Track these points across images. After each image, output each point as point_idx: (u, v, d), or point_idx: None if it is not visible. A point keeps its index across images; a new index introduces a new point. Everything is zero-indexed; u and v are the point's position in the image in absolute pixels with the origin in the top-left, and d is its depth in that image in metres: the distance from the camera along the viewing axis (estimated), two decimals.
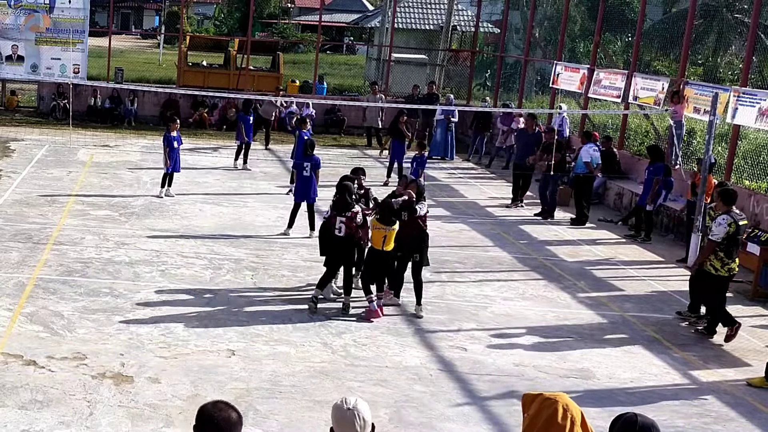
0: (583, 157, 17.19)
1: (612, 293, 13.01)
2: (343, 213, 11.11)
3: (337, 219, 11.10)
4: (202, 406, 3.91)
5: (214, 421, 3.82)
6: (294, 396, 8.63)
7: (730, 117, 16.02)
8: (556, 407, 4.67)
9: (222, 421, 3.82)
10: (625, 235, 16.58)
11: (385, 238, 10.86)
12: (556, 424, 4.62)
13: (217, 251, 13.56)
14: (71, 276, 11.81)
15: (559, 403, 4.68)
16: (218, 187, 18.48)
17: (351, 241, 11.16)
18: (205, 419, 3.84)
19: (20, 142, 22.19)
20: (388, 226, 10.86)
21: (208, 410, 3.86)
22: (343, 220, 11.06)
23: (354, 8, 62.49)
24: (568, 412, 4.64)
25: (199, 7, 74.81)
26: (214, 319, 10.66)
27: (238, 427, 3.87)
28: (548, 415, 4.67)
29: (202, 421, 3.85)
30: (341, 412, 4.07)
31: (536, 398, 4.85)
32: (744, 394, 9.60)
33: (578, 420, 4.70)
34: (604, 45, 23.47)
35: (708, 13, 21.14)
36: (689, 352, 10.79)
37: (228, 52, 30.95)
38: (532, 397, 4.92)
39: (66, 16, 26.15)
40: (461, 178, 21.95)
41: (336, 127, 27.43)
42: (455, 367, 9.69)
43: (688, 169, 17.57)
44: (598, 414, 8.74)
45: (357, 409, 4.05)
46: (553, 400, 4.72)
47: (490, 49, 35.29)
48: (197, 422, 3.87)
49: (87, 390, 8.44)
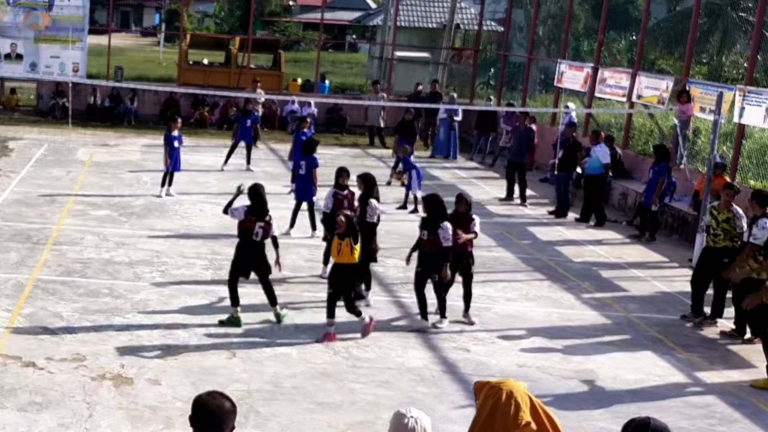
0: (602, 158, 17.10)
1: (616, 294, 12.92)
2: None
3: None
4: (197, 395, 4.09)
5: (207, 409, 4.01)
6: (295, 398, 8.55)
7: (737, 116, 15.91)
8: (500, 394, 4.75)
9: (215, 409, 4.02)
10: (629, 236, 16.49)
11: (339, 247, 10.06)
12: (500, 410, 4.70)
13: (218, 251, 13.47)
14: (70, 276, 11.73)
15: (503, 390, 4.78)
16: (219, 187, 18.39)
17: None
18: (199, 407, 4.04)
19: (19, 141, 22.11)
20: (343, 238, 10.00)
21: (202, 399, 4.06)
22: None
23: (356, 6, 62.37)
24: (512, 397, 4.69)
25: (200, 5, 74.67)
26: (215, 320, 10.56)
27: (231, 415, 4.06)
28: (493, 402, 4.75)
29: (196, 409, 4.05)
30: (400, 421, 4.14)
31: (484, 386, 4.90)
32: (748, 395, 9.54)
33: (524, 405, 4.73)
34: (608, 43, 23.37)
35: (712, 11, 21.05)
36: (694, 353, 10.71)
37: (229, 50, 30.85)
38: (481, 385, 5.00)
39: (65, 14, 26.07)
40: (465, 177, 21.85)
41: (338, 126, 27.33)
42: (458, 369, 9.61)
43: (693, 169, 17.48)
44: (602, 415, 8.68)
45: (418, 419, 4.14)
46: (498, 387, 4.83)
47: (493, 48, 35.19)
48: (192, 411, 4.05)
49: (86, 392, 8.37)
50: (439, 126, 24.55)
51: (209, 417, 4.03)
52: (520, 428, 4.69)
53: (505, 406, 4.70)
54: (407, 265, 11.12)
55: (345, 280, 10.15)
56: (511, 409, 4.69)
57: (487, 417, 4.77)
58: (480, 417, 4.83)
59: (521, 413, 4.71)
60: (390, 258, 13.84)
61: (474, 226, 10.95)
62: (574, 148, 17.80)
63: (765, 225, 10.75)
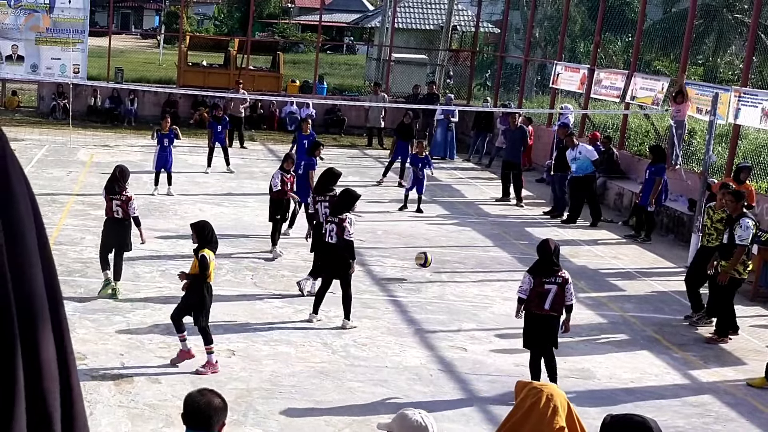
0: (591, 156, 17.13)
1: (612, 293, 13.00)
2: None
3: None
4: (188, 393, 4.28)
5: (195, 405, 4.19)
6: (294, 396, 8.62)
7: (733, 117, 16.00)
8: (540, 395, 4.85)
9: (203, 405, 4.18)
10: (625, 236, 16.57)
11: None
12: (537, 411, 4.79)
13: (218, 251, 13.52)
14: (71, 276, 11.80)
15: (543, 392, 4.85)
16: (218, 187, 18.48)
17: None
18: (188, 403, 4.22)
19: (20, 142, 22.16)
20: None
21: (191, 395, 4.25)
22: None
23: (354, 8, 62.44)
24: (552, 401, 4.78)
25: (199, 7, 74.77)
26: (214, 319, 10.62)
27: (221, 412, 4.21)
28: (532, 402, 4.85)
29: (185, 406, 4.23)
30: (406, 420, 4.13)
31: (526, 386, 5.00)
32: (744, 394, 9.60)
33: (562, 410, 4.80)
34: (605, 45, 23.46)
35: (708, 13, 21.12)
36: (689, 352, 10.79)
37: (228, 51, 30.93)
38: (523, 385, 5.11)
39: (66, 16, 26.13)
40: (462, 178, 21.94)
41: (336, 127, 27.43)
42: (455, 368, 9.68)
43: (688, 169, 17.56)
44: (599, 414, 8.70)
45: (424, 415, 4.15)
46: (539, 388, 4.90)
47: (490, 49, 35.28)
48: (183, 408, 4.23)
49: (87, 390, 8.43)
50: (437, 127, 24.63)
51: (197, 413, 4.19)
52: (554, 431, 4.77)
53: (544, 409, 4.76)
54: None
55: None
56: (548, 412, 4.75)
57: (522, 415, 4.84)
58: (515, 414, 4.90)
59: (557, 417, 4.77)
60: (387, 258, 13.93)
61: None
62: (567, 149, 17.84)
63: (748, 224, 10.78)
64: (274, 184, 13.43)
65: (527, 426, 4.82)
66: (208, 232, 9.10)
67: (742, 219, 10.84)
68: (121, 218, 11.24)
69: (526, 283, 8.71)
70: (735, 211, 10.98)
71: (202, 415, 4.21)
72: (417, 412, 4.15)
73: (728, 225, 11.07)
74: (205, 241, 9.04)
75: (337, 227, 10.46)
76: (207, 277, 8.98)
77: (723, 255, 11.03)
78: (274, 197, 13.41)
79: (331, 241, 10.50)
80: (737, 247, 10.84)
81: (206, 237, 9.07)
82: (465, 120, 25.72)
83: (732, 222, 10.99)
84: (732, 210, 11.04)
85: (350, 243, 10.51)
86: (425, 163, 17.23)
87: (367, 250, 14.33)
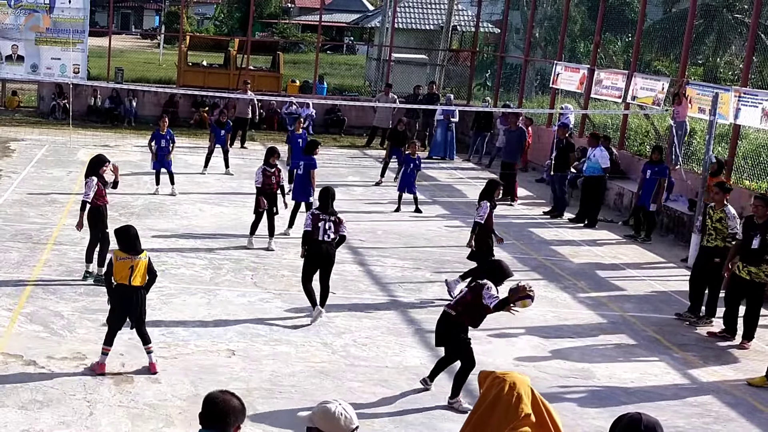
0: (602, 162, 17.19)
1: (612, 293, 13.00)
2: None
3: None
4: (209, 392, 4.32)
5: (214, 403, 4.22)
6: (294, 396, 8.63)
7: (733, 117, 16.01)
8: (503, 384, 4.90)
9: (221, 403, 4.22)
10: (625, 235, 16.58)
11: (132, 269, 8.76)
12: (502, 400, 4.86)
13: (217, 251, 13.56)
14: (71, 276, 11.80)
15: (506, 380, 4.90)
16: (218, 187, 18.48)
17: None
18: (208, 402, 4.24)
19: (20, 142, 22.18)
20: (134, 255, 8.81)
21: (211, 394, 4.28)
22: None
23: (354, 8, 62.46)
24: (515, 389, 4.83)
25: (200, 7, 74.77)
26: (214, 319, 10.65)
27: (239, 414, 4.24)
28: (496, 392, 4.93)
29: (204, 404, 4.25)
30: (329, 411, 4.14)
31: (489, 375, 5.02)
32: (744, 394, 9.61)
33: (526, 397, 4.84)
34: (605, 45, 23.46)
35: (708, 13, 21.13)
36: (689, 352, 10.79)
37: (228, 51, 30.95)
38: (485, 375, 5.12)
39: (66, 16, 26.13)
40: (462, 178, 21.95)
41: (336, 127, 27.44)
42: (455, 368, 9.66)
43: (688, 169, 17.57)
44: (599, 414, 8.75)
45: (345, 406, 4.16)
46: (502, 377, 4.95)
47: (490, 49, 35.28)
48: (202, 407, 4.26)
49: (87, 390, 8.44)
50: (436, 127, 24.64)
51: (215, 411, 4.21)
52: (520, 419, 4.80)
53: (508, 397, 4.81)
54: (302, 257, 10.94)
55: (130, 303, 8.93)
56: (512, 400, 4.80)
57: (488, 405, 4.88)
58: (481, 404, 4.95)
59: (522, 405, 4.81)
60: (387, 258, 13.93)
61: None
62: (567, 149, 17.94)
63: None
64: (256, 181, 13.79)
65: (494, 416, 4.86)
66: None
67: None
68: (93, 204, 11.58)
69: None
70: (764, 217, 10.86)
71: (219, 414, 4.21)
72: (339, 404, 4.14)
73: (757, 230, 10.85)
74: None
75: (334, 225, 10.55)
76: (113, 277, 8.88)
77: (750, 260, 10.88)
78: (260, 191, 13.75)
79: (327, 239, 10.54)
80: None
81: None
82: (465, 120, 25.72)
83: (762, 227, 10.82)
84: (761, 216, 10.89)
85: (343, 238, 10.66)
86: (416, 164, 17.30)
87: (367, 250, 14.33)
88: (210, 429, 4.25)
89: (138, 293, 8.83)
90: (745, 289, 11.01)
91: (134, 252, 8.78)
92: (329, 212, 10.60)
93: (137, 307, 8.85)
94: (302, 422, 4.24)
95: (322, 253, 10.55)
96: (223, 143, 19.83)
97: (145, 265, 8.81)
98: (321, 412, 4.14)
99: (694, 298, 11.93)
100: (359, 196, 18.68)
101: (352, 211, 17.02)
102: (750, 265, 10.91)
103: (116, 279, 8.77)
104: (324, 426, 4.11)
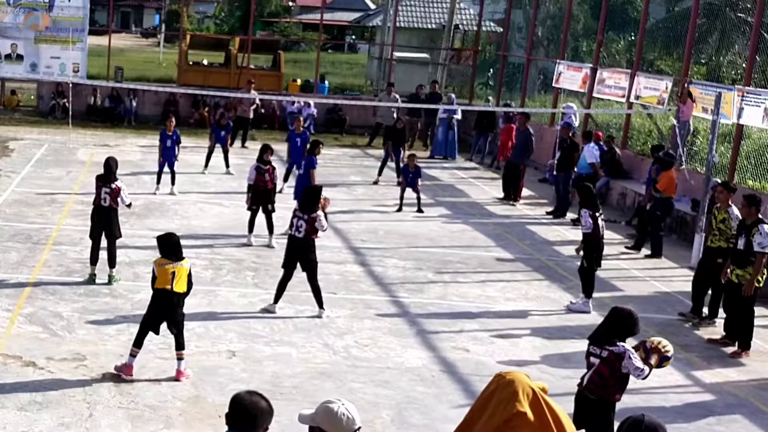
0: (588, 157, 17.13)
1: (615, 294, 12.94)
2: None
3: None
4: (236, 393, 4.30)
5: (242, 404, 4.21)
6: (295, 397, 8.57)
7: (736, 117, 15.94)
8: (501, 381, 5.05)
9: (249, 404, 4.21)
10: (627, 235, 16.51)
11: (174, 275, 8.73)
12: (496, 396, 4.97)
13: (218, 251, 13.51)
14: (71, 276, 11.75)
15: (505, 378, 5.14)
16: (218, 187, 18.43)
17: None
18: (235, 403, 4.23)
19: (19, 141, 22.14)
20: (176, 262, 8.79)
21: (239, 395, 4.27)
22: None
23: (356, 7, 62.40)
24: (511, 386, 4.98)
25: (200, 6, 74.72)
26: (215, 319, 10.60)
27: (267, 415, 4.21)
28: (493, 388, 5.05)
29: (232, 405, 4.24)
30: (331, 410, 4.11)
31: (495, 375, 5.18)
32: (747, 395, 9.57)
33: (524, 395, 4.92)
34: (607, 44, 23.40)
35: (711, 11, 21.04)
36: (692, 353, 10.74)
37: (229, 50, 30.87)
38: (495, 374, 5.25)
39: (65, 14, 26.08)
40: (464, 178, 21.89)
41: (337, 127, 27.37)
42: (457, 368, 9.63)
43: (691, 169, 17.50)
44: None
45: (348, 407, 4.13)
46: (503, 375, 5.18)
47: (492, 48, 35.20)
48: (229, 407, 4.24)
49: (87, 391, 8.40)
50: (438, 126, 24.57)
51: (244, 412, 4.18)
52: (512, 416, 4.83)
53: (502, 393, 4.89)
54: None
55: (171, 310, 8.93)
56: (506, 396, 4.86)
57: (483, 400, 4.95)
58: (478, 400, 5.03)
59: (516, 402, 4.85)
60: (389, 258, 13.87)
61: None
62: (571, 149, 17.87)
63: (767, 230, 10.41)
64: (249, 178, 13.94)
65: (487, 411, 4.91)
66: None
67: (761, 225, 10.50)
68: (108, 206, 11.70)
69: None
70: (750, 217, 10.70)
71: (247, 415, 4.19)
72: (342, 404, 4.11)
73: (743, 231, 10.71)
74: None
75: (306, 224, 10.58)
76: None
77: (737, 262, 10.74)
78: (251, 188, 13.84)
79: (298, 236, 10.66)
80: (756, 255, 10.50)
81: None
82: (467, 120, 25.65)
83: (748, 228, 10.66)
84: (746, 215, 10.73)
85: (312, 239, 10.69)
86: (414, 177, 17.09)
87: (368, 250, 14.28)
88: (237, 430, 4.22)
89: (178, 299, 8.84)
90: (735, 294, 10.80)
91: (175, 258, 8.80)
92: (305, 211, 10.68)
93: (175, 312, 8.86)
94: (304, 421, 4.20)
95: (294, 247, 10.76)
96: (223, 143, 19.79)
97: (186, 272, 8.83)
98: (323, 411, 4.11)
99: (696, 298, 11.86)
100: (361, 196, 18.63)
101: (354, 210, 16.99)
102: (738, 268, 10.75)
103: (158, 285, 8.79)
104: (326, 426, 4.08)
